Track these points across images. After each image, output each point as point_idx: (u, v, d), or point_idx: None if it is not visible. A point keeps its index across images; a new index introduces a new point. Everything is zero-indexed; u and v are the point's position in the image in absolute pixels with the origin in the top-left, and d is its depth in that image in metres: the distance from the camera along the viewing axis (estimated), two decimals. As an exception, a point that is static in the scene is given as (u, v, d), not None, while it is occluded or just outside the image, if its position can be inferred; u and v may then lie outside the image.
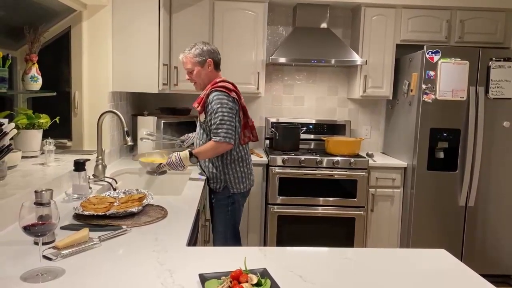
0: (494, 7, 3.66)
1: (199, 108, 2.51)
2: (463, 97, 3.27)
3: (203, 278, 1.18)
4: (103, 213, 1.71)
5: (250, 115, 2.67)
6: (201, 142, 2.57)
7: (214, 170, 2.55)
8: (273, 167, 3.46)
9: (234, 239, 2.62)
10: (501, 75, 3.25)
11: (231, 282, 1.13)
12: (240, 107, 2.53)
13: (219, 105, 2.41)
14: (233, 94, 2.49)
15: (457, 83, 3.25)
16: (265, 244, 3.57)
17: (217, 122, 2.40)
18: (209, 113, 2.45)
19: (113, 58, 2.96)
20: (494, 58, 3.25)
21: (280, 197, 3.49)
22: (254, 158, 3.52)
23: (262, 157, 3.57)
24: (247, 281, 1.13)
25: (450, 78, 3.24)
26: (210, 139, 2.48)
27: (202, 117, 2.52)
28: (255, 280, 1.15)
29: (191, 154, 2.46)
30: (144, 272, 1.26)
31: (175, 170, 2.51)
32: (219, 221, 2.60)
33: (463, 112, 3.29)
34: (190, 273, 1.26)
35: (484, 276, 2.02)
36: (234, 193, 2.57)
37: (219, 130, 2.40)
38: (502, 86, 3.26)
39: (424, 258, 1.48)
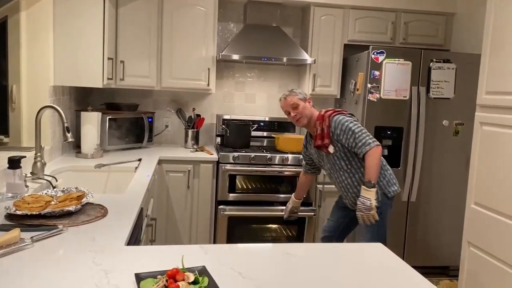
0: (435, 11, 3.83)
1: (326, 141, 2.47)
2: (406, 97, 3.39)
3: (139, 278, 1.15)
4: (37, 213, 1.63)
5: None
6: (349, 169, 2.50)
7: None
8: (223, 164, 3.44)
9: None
10: (441, 76, 3.40)
11: (166, 281, 1.11)
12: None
13: (346, 123, 2.41)
14: (344, 112, 2.54)
15: (401, 83, 3.37)
16: (215, 242, 3.55)
17: (357, 135, 2.38)
18: (340, 136, 2.42)
19: (55, 50, 2.83)
20: (434, 60, 3.40)
21: (231, 194, 3.48)
22: (203, 156, 3.50)
23: (212, 154, 3.55)
24: (183, 280, 1.12)
25: (394, 78, 3.36)
26: (357, 160, 2.46)
27: (331, 149, 2.48)
28: (192, 278, 1.13)
29: (365, 183, 2.35)
30: (77, 273, 1.22)
31: (366, 211, 2.35)
32: (366, 229, 2.53)
33: (406, 111, 3.42)
34: (126, 273, 1.22)
35: (425, 268, 2.09)
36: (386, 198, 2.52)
37: (364, 140, 2.36)
38: (442, 87, 3.41)
39: (362, 252, 1.52)
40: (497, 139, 2.30)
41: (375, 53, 3.33)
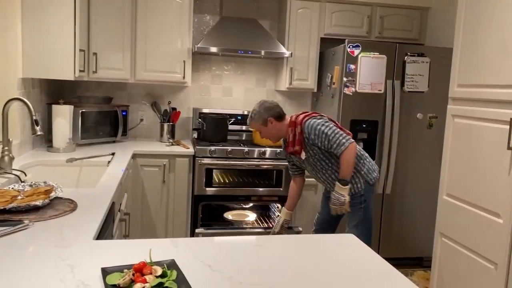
0: (410, 5, 3.87)
1: (297, 148, 2.53)
2: (381, 90, 3.42)
3: (105, 272, 1.12)
4: (2, 207, 1.58)
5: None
6: (330, 167, 2.55)
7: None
8: (199, 158, 3.41)
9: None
10: (415, 69, 3.44)
11: (133, 274, 1.08)
12: (327, 117, 2.59)
13: (318, 126, 2.46)
14: (315, 114, 2.57)
15: (376, 77, 3.39)
16: (192, 235, 3.52)
17: (331, 137, 2.43)
18: (315, 141, 2.47)
19: (23, 41, 2.74)
20: (409, 53, 3.43)
21: (208, 188, 3.45)
22: (179, 150, 3.46)
23: (188, 148, 3.51)
24: (150, 273, 1.09)
25: (369, 72, 3.38)
26: (336, 158, 2.50)
27: (303, 155, 2.55)
28: (159, 272, 1.11)
29: (340, 180, 2.46)
30: (42, 268, 1.18)
31: (340, 205, 2.47)
32: (353, 216, 2.60)
33: (381, 104, 3.45)
34: (93, 267, 1.19)
35: (400, 259, 2.11)
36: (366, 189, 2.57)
37: (338, 141, 2.42)
38: (416, 80, 3.45)
39: (334, 244, 1.52)
40: (469, 131, 2.34)
41: (350, 46, 3.35)
